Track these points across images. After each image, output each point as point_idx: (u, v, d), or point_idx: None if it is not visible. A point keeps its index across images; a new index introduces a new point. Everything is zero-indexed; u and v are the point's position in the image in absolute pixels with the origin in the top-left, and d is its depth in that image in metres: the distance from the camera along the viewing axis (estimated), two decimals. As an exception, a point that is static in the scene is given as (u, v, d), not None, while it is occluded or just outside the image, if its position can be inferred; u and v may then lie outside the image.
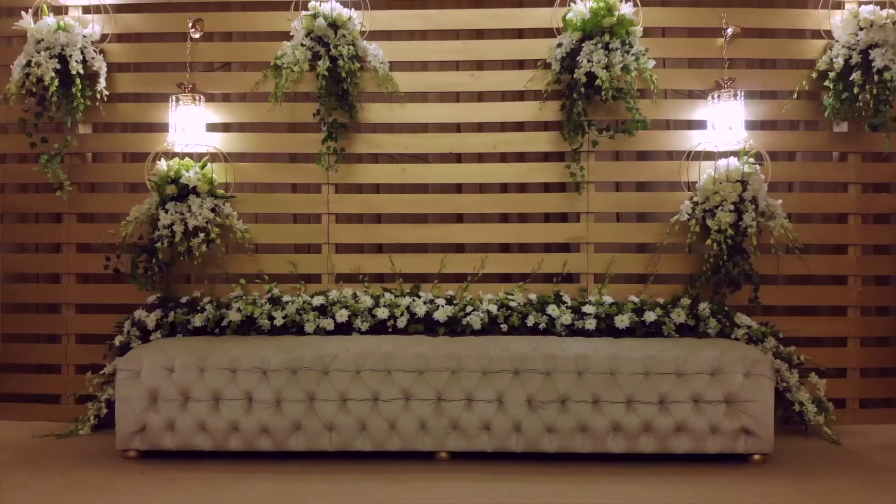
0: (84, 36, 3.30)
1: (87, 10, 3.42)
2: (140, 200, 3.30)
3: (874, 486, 2.48)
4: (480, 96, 3.41)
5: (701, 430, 2.64)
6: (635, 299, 3.16)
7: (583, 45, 3.07)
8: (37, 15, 3.30)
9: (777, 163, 3.25)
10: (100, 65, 3.32)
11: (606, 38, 3.05)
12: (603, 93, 3.05)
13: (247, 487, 2.47)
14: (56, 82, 3.18)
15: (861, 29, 3.15)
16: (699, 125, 3.29)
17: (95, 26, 3.38)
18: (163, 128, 3.35)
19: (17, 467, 2.70)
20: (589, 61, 3.03)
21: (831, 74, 3.18)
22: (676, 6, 3.36)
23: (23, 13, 3.27)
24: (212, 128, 3.36)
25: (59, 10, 3.41)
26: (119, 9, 3.43)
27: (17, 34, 3.39)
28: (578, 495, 2.40)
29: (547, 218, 3.42)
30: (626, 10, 3.08)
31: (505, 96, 3.39)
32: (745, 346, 2.82)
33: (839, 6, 3.30)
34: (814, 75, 3.24)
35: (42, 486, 2.49)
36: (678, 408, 2.63)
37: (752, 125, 3.25)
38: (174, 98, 3.27)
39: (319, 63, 3.12)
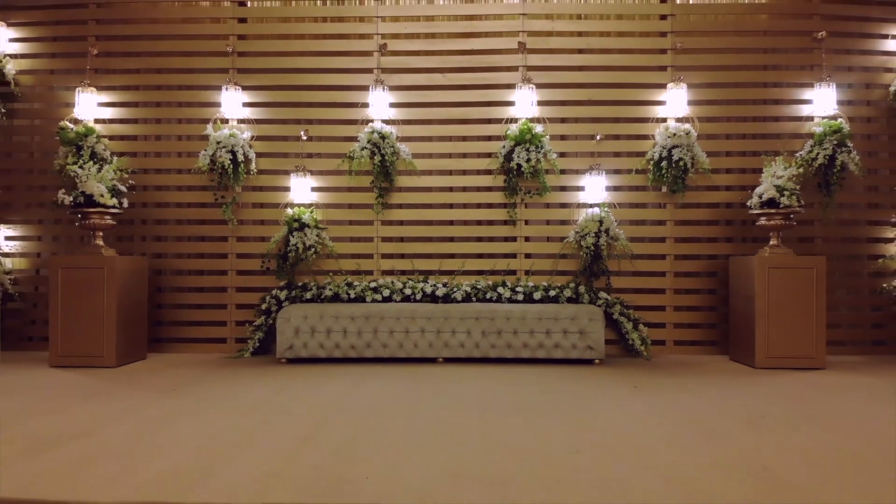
0: (243, 138, 5.99)
1: (241, 121, 6.11)
2: (267, 229, 5.99)
3: (653, 373, 5.08)
4: (464, 172, 6.06)
5: (568, 346, 5.28)
6: (545, 284, 5.80)
7: (515, 148, 5.75)
8: (215, 123, 6.00)
9: (623, 209, 5.92)
10: (251, 154, 6.00)
11: (527, 144, 5.72)
12: (525, 174, 5.72)
13: (345, 371, 5.10)
14: (231, 167, 5.86)
15: (669, 136, 5.80)
16: (581, 189, 5.94)
17: (247, 132, 6.07)
18: (286, 188, 6.03)
19: (224, 367, 5.34)
20: (518, 157, 5.70)
21: (652, 162, 5.83)
22: (572, 123, 6.03)
23: (208, 126, 5.96)
24: (313, 189, 6.04)
25: (225, 121, 6.09)
26: (259, 121, 6.11)
27: (197, 134, 6.06)
28: (505, 372, 5.02)
29: (506, 239, 6.07)
30: (539, 129, 5.75)
31: (479, 172, 6.04)
32: (590, 306, 5.47)
33: (662, 120, 5.96)
34: (644, 162, 5.89)
35: (243, 373, 5.10)
36: (556, 335, 5.28)
37: (610, 188, 5.91)
38: (293, 174, 5.95)
39: (375, 158, 5.81)
